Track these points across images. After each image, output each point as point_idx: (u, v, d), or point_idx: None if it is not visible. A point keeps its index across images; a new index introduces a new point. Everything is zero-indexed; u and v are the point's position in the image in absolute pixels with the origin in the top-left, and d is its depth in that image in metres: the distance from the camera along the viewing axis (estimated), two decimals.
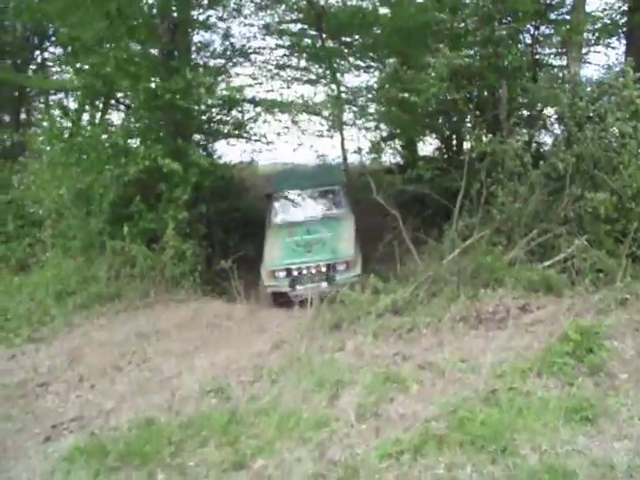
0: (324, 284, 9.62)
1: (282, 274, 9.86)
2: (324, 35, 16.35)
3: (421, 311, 6.98)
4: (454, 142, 16.29)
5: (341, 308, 7.12)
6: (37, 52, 19.56)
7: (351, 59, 17.64)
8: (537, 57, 14.95)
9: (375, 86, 16.33)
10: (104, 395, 5.66)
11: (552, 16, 14.49)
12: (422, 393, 4.90)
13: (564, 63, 14.06)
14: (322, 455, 4.06)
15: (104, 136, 10.22)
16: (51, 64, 20.27)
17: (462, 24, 11.91)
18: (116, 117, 13.18)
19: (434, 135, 16.41)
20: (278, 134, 13.16)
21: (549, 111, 13.62)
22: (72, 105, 12.18)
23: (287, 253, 10.13)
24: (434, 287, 7.73)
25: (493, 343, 5.94)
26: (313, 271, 9.82)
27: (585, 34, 13.48)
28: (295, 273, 9.84)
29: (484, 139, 10.81)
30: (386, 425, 4.41)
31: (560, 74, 13.66)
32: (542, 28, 14.82)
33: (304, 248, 10.11)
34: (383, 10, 15.94)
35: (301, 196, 11.57)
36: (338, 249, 9.99)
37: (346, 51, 17.41)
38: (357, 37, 16.93)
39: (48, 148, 10.77)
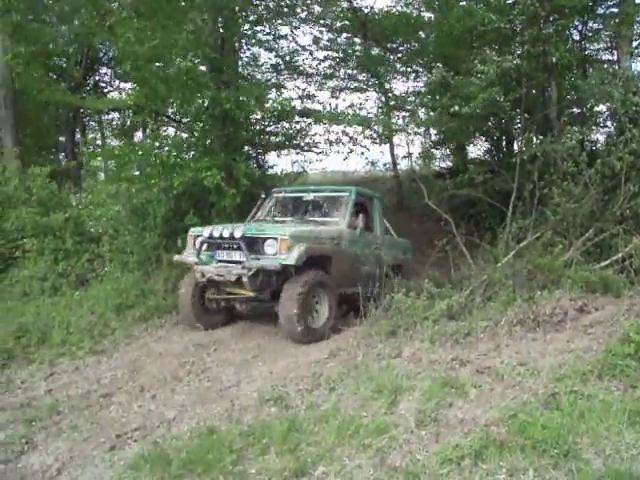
0: (239, 265, 7.66)
1: (198, 241, 8.18)
2: (370, 42, 16.40)
3: (477, 315, 6.94)
4: (504, 144, 16.14)
5: (396, 314, 7.12)
6: (90, 74, 20.17)
7: (398, 65, 17.63)
8: (586, 53, 14.75)
9: (423, 91, 16.32)
10: (165, 405, 5.75)
11: (600, 10, 14.26)
12: (481, 398, 4.86)
13: (615, 58, 13.82)
14: (383, 461, 4.06)
15: (156, 151, 10.44)
16: (104, 84, 20.90)
17: (508, 25, 11.83)
18: (168, 133, 13.43)
19: (483, 138, 16.28)
20: (330, 144, 13.18)
21: (601, 108, 13.44)
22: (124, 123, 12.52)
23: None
24: (489, 291, 7.68)
25: (551, 346, 5.88)
26: (226, 234, 7.76)
27: (636, 27, 13.23)
28: (207, 238, 8.05)
29: (535, 140, 10.70)
30: (446, 430, 4.39)
31: (611, 69, 13.40)
32: (590, 23, 14.61)
33: (248, 224, 8.59)
34: (428, 15, 15.94)
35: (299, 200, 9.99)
36: (275, 227, 8.22)
37: (392, 58, 17.41)
38: (403, 43, 16.93)
39: (102, 166, 11.07)
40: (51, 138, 20.23)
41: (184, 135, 11.36)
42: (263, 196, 9.90)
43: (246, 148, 11.82)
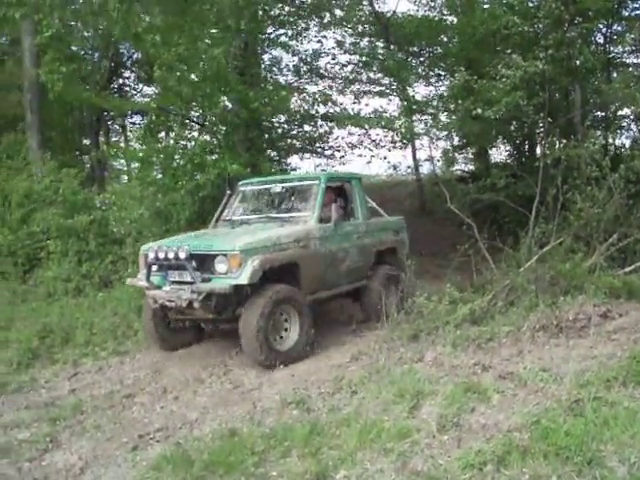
0: (190, 286, 6.68)
1: (149, 260, 7.16)
2: (392, 46, 16.40)
3: (500, 320, 6.93)
4: (526, 148, 16.06)
5: (419, 319, 7.10)
6: (114, 78, 20.42)
7: (420, 69, 17.62)
8: (611, 56, 14.63)
9: (446, 95, 16.28)
10: (187, 406, 5.79)
11: (625, 13, 14.16)
12: (503, 403, 4.84)
13: (639, 61, 13.70)
14: (404, 466, 4.04)
15: (183, 150, 10.51)
16: (127, 88, 21.15)
17: (532, 28, 11.77)
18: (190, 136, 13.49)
19: (505, 142, 16.20)
20: (352, 147, 13.17)
21: (625, 112, 13.32)
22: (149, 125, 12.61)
23: (176, 238, 7.82)
24: (512, 296, 7.65)
25: (575, 352, 5.84)
26: (171, 255, 6.83)
27: None
28: (153, 260, 7.08)
29: (558, 144, 10.64)
30: (468, 435, 4.37)
31: (635, 72, 13.29)
32: (615, 26, 14.51)
33: (203, 236, 7.65)
34: (451, 19, 15.92)
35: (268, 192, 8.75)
36: (226, 240, 7.04)
37: (414, 61, 17.40)
38: (425, 47, 16.92)
39: (125, 168, 11.17)
40: (75, 141, 20.46)
41: (207, 138, 11.42)
42: (229, 192, 8.83)
43: (268, 152, 11.84)
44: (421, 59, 17.84)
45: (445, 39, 16.43)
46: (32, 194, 12.02)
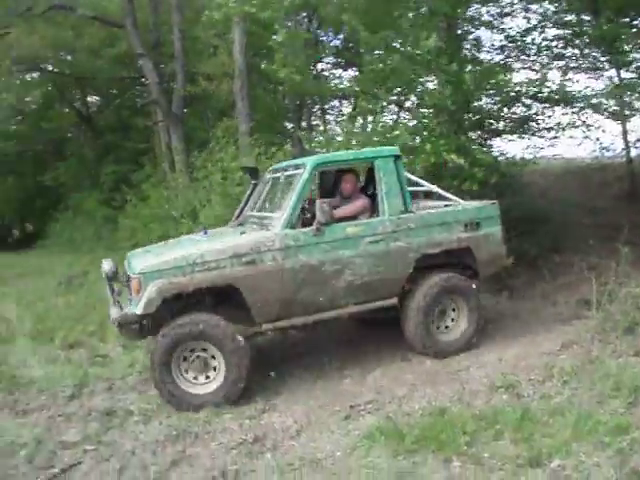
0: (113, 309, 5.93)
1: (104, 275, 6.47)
2: (602, 18, 15.39)
3: None
4: None
5: (634, 310, 6.73)
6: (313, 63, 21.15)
7: (632, 42, 16.37)
8: None
9: None
10: (396, 382, 5.98)
11: None
12: None
13: None
14: (624, 463, 3.91)
15: (376, 137, 10.66)
16: (326, 74, 21.86)
17: None
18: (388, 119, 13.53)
19: None
20: (562, 129, 12.54)
21: None
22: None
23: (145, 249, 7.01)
24: None
25: None
26: (107, 269, 6.25)
27: None
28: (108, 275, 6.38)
29: None
30: None
31: None
32: None
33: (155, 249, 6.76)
34: None
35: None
36: (142, 259, 6.01)
37: (627, 33, 16.19)
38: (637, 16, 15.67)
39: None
40: (280, 126, 21.48)
41: (413, 122, 11.44)
42: (253, 182, 7.56)
43: (469, 133, 11.60)
44: (633, 30, 16.54)
45: None
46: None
